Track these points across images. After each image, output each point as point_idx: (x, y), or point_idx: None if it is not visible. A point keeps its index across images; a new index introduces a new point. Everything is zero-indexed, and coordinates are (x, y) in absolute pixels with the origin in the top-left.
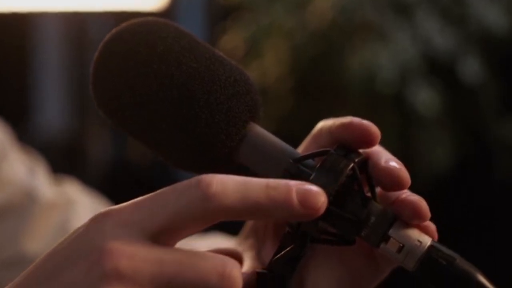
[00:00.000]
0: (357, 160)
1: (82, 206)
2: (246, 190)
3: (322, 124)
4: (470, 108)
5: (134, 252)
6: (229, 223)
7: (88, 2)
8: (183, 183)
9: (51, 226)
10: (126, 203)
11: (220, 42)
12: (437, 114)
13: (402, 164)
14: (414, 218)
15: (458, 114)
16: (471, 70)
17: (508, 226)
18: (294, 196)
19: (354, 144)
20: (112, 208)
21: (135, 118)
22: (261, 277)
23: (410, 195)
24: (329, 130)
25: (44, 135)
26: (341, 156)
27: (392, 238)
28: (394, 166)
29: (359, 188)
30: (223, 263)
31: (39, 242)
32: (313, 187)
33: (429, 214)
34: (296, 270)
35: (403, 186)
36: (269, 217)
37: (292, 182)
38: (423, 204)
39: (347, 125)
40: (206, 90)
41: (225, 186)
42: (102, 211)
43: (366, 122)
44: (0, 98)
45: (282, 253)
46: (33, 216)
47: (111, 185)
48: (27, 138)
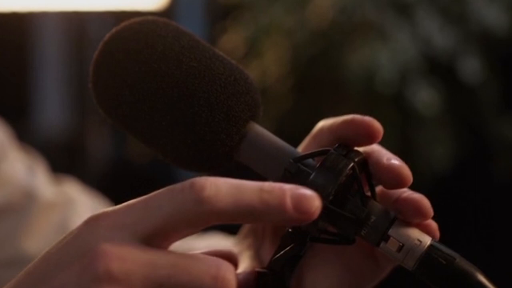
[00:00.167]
0: (357, 159)
1: (82, 206)
2: (239, 193)
3: (322, 123)
4: (470, 107)
5: (127, 254)
6: None
7: (88, 1)
8: (177, 186)
9: (51, 226)
10: (119, 206)
11: (220, 41)
12: (437, 113)
13: (403, 162)
14: (417, 216)
15: (458, 113)
16: (471, 69)
17: (508, 225)
18: (288, 200)
19: (356, 140)
20: (105, 210)
21: (135, 117)
22: (261, 276)
23: (413, 193)
24: (330, 129)
25: (44, 134)
26: (341, 155)
27: (392, 237)
28: (396, 163)
29: (359, 187)
30: (217, 266)
31: (39, 241)
32: (307, 191)
33: (431, 212)
34: (296, 269)
35: (405, 183)
36: (262, 221)
37: (286, 186)
38: (426, 202)
39: (350, 121)
40: (206, 89)
41: (218, 189)
42: (95, 214)
43: (368, 118)
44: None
45: (282, 252)
46: (32, 215)
47: (111, 183)
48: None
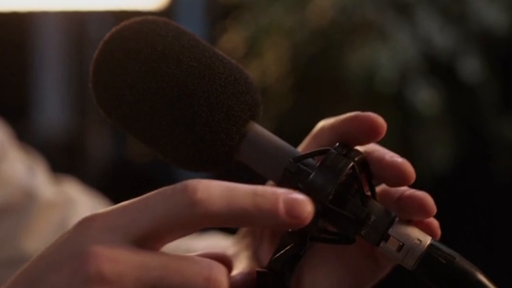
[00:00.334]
0: (357, 159)
1: (82, 206)
2: (232, 196)
3: (323, 123)
4: (470, 106)
5: (119, 256)
6: None
7: (88, 1)
8: (169, 188)
9: (51, 225)
10: (112, 208)
11: (220, 41)
12: (437, 113)
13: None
14: (421, 213)
15: (458, 113)
16: (471, 69)
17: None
18: (281, 204)
19: (359, 137)
20: (97, 212)
21: (135, 116)
22: (261, 276)
23: (416, 191)
24: (331, 127)
25: (44, 134)
26: (341, 154)
27: (392, 237)
28: (399, 160)
29: (359, 187)
30: (209, 267)
31: (39, 241)
32: (299, 196)
33: (435, 209)
34: (295, 269)
35: (409, 180)
36: (255, 224)
37: (279, 191)
38: (430, 199)
39: (353, 118)
40: (206, 89)
41: (211, 192)
42: (88, 216)
43: (372, 113)
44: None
45: (282, 252)
46: (32, 215)
47: (111, 183)
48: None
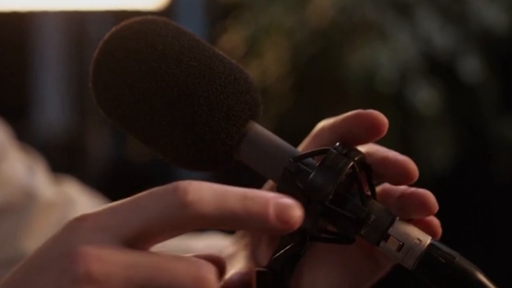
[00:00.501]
0: (357, 158)
1: (82, 206)
2: (223, 199)
3: (323, 123)
4: (470, 106)
5: (107, 256)
6: None
7: (88, 1)
8: (160, 189)
9: (51, 225)
10: (102, 208)
11: (220, 41)
12: (437, 113)
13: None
14: (423, 211)
15: (458, 113)
16: (471, 68)
17: (507, 225)
18: (271, 209)
19: (360, 136)
20: (87, 213)
21: (135, 116)
22: (260, 275)
23: (417, 189)
24: (332, 126)
25: (44, 134)
26: (341, 154)
27: (391, 237)
28: (403, 157)
29: (359, 186)
30: (198, 267)
31: (39, 241)
32: (289, 201)
33: (437, 206)
34: (295, 268)
35: (413, 178)
36: (244, 228)
37: (269, 195)
38: (431, 196)
39: (355, 116)
40: (206, 89)
41: (202, 194)
42: (78, 216)
43: (373, 111)
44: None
45: (282, 251)
46: (32, 215)
47: (111, 183)
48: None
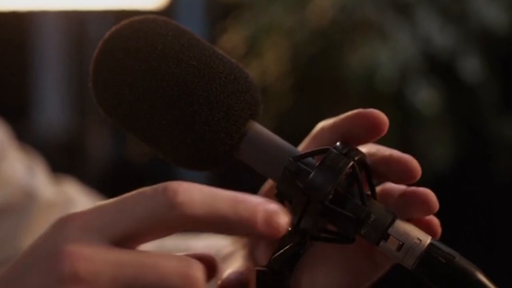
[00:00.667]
0: (357, 158)
1: (82, 206)
2: (213, 201)
3: (323, 123)
4: (470, 106)
5: (94, 255)
6: None
7: (88, 1)
8: (149, 189)
9: None
10: (90, 208)
11: (220, 41)
12: (437, 113)
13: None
14: (424, 209)
15: (458, 113)
16: (471, 68)
17: (507, 225)
18: (260, 214)
19: (361, 135)
20: (75, 212)
21: (135, 115)
22: (260, 275)
23: (418, 188)
24: (332, 126)
25: (44, 134)
26: (341, 154)
27: (391, 236)
28: (406, 156)
29: (359, 186)
30: (186, 265)
31: None
32: (276, 207)
33: (437, 205)
34: (295, 268)
35: (416, 176)
36: (232, 232)
37: (258, 200)
38: (432, 195)
39: (355, 115)
40: (206, 88)
41: (192, 195)
42: (65, 215)
43: (374, 110)
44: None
45: (282, 251)
46: (32, 215)
47: (111, 183)
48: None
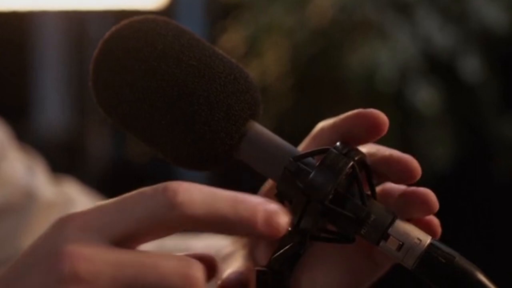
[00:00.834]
0: (357, 158)
1: (81, 206)
2: (213, 201)
3: (322, 124)
4: (470, 106)
5: (94, 255)
6: None
7: (88, 1)
8: (149, 189)
9: None
10: (90, 208)
11: (220, 41)
12: (437, 112)
13: None
14: (424, 209)
15: (458, 112)
16: (471, 68)
17: (507, 224)
18: (260, 214)
19: (361, 135)
20: (75, 212)
21: (135, 115)
22: (260, 274)
23: (418, 187)
24: (333, 126)
25: (44, 134)
26: (341, 154)
27: (391, 236)
28: (406, 155)
29: (359, 186)
30: (186, 265)
31: None
32: (276, 207)
33: (437, 205)
34: (295, 267)
35: (416, 176)
36: (232, 232)
37: (258, 200)
38: (432, 195)
39: (355, 115)
40: (206, 88)
41: (192, 195)
42: (64, 216)
43: (374, 110)
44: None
45: (282, 251)
46: (32, 215)
47: (111, 183)
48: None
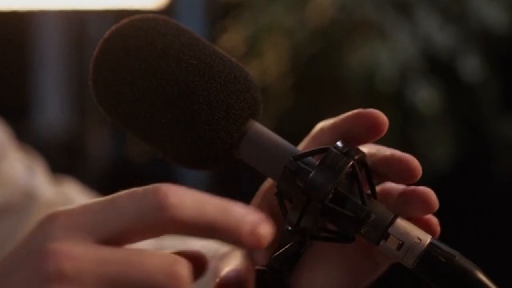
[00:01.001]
0: (357, 157)
1: None
2: (202, 207)
3: (322, 124)
4: (470, 106)
5: (79, 253)
6: None
7: (88, 1)
8: (139, 190)
9: None
10: (77, 206)
11: (220, 40)
12: (437, 112)
13: None
14: (424, 208)
15: (458, 112)
16: (471, 68)
17: (507, 224)
18: (247, 224)
19: (361, 135)
20: (61, 210)
21: (135, 114)
22: (260, 274)
23: (418, 187)
24: (332, 126)
25: (44, 134)
26: (341, 153)
27: (391, 236)
28: (408, 155)
29: (359, 185)
30: (171, 262)
31: None
32: (261, 216)
33: (437, 204)
34: (295, 267)
35: (417, 175)
36: (216, 238)
37: (246, 209)
38: (432, 194)
39: (355, 115)
40: (206, 87)
41: (182, 198)
42: (51, 213)
43: (374, 110)
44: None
45: (282, 250)
46: (32, 215)
47: (111, 183)
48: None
